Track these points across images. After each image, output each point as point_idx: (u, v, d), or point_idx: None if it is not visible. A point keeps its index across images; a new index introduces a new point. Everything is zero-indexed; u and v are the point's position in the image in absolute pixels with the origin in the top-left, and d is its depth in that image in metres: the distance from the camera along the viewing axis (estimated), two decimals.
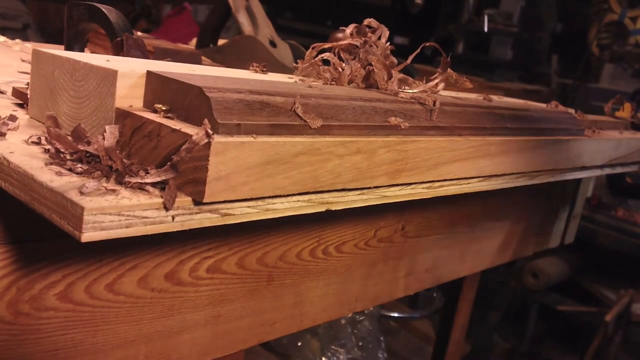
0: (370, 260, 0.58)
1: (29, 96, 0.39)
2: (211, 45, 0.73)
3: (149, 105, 0.33)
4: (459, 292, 1.03)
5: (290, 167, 0.31)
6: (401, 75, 0.46)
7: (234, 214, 0.30)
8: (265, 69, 0.47)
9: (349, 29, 0.48)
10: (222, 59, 0.68)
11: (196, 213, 0.28)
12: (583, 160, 0.60)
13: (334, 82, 0.45)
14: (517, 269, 2.02)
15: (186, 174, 0.28)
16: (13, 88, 0.43)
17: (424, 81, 0.47)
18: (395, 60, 0.47)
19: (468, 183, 0.45)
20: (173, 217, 0.28)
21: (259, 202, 0.31)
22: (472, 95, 0.61)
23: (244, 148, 0.29)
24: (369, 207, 0.39)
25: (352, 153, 0.35)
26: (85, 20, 0.49)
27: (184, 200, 0.28)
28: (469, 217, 0.72)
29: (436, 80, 0.47)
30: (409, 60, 0.47)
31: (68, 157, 0.30)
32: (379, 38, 0.47)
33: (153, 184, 0.28)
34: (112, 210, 0.26)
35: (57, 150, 0.30)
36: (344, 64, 0.46)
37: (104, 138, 0.30)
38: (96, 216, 0.25)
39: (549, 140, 0.51)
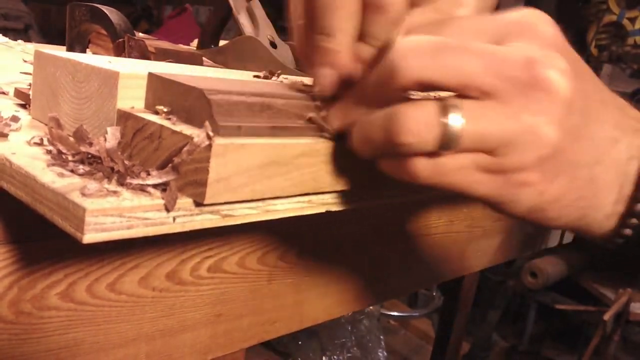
0: (370, 260, 0.58)
1: (31, 97, 0.39)
2: (212, 46, 0.73)
3: (150, 106, 0.33)
4: (458, 291, 1.03)
5: (291, 168, 0.31)
6: None
7: (234, 215, 0.30)
8: (271, 75, 0.47)
9: None
10: (224, 60, 0.68)
11: (197, 214, 0.29)
12: None
13: None
14: (516, 268, 2.03)
15: (187, 176, 0.28)
16: (15, 89, 0.43)
17: None
18: None
19: None
20: (174, 219, 0.28)
21: (260, 204, 0.31)
22: None
23: (244, 150, 0.29)
24: (368, 207, 0.39)
25: (352, 154, 0.35)
26: (87, 21, 0.49)
27: (185, 201, 0.28)
28: (468, 216, 0.72)
29: None
30: None
31: (70, 158, 0.30)
32: None
33: (154, 186, 0.28)
34: (114, 212, 0.26)
35: (59, 152, 0.30)
36: None
37: (105, 139, 0.31)
38: (98, 217, 0.25)
39: None
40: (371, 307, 1.79)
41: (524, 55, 0.28)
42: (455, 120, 0.28)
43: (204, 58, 0.63)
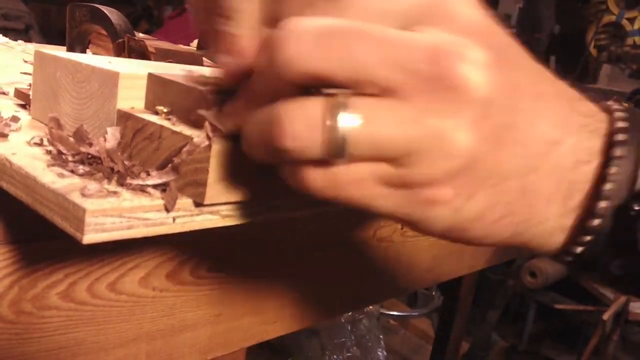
0: (369, 259, 0.59)
1: (31, 97, 0.39)
2: None
3: (150, 107, 0.33)
4: (457, 291, 1.03)
5: None
6: None
7: (234, 215, 0.30)
8: None
9: None
10: None
11: (197, 215, 0.29)
12: None
13: None
14: (515, 268, 2.03)
15: (187, 176, 0.28)
16: (15, 89, 0.43)
17: None
18: None
19: None
20: (174, 219, 0.28)
21: (260, 203, 0.31)
22: None
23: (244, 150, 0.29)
24: None
25: None
26: (87, 21, 0.49)
27: (184, 202, 0.28)
28: None
29: None
30: None
31: (70, 158, 0.30)
32: None
33: (154, 186, 0.28)
34: (114, 212, 0.26)
35: (59, 152, 0.30)
36: None
37: (105, 140, 0.31)
38: (98, 218, 0.25)
39: None
40: (371, 307, 1.80)
41: (429, 44, 0.22)
42: (345, 123, 0.22)
43: (204, 58, 0.63)
